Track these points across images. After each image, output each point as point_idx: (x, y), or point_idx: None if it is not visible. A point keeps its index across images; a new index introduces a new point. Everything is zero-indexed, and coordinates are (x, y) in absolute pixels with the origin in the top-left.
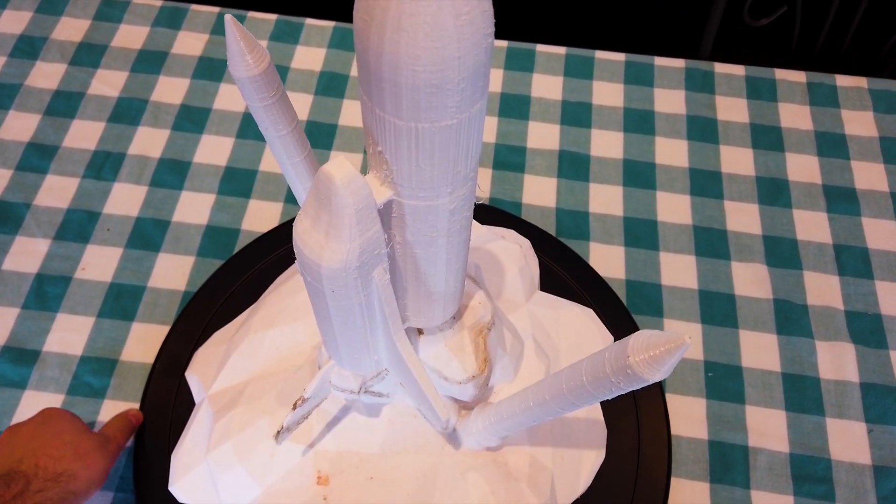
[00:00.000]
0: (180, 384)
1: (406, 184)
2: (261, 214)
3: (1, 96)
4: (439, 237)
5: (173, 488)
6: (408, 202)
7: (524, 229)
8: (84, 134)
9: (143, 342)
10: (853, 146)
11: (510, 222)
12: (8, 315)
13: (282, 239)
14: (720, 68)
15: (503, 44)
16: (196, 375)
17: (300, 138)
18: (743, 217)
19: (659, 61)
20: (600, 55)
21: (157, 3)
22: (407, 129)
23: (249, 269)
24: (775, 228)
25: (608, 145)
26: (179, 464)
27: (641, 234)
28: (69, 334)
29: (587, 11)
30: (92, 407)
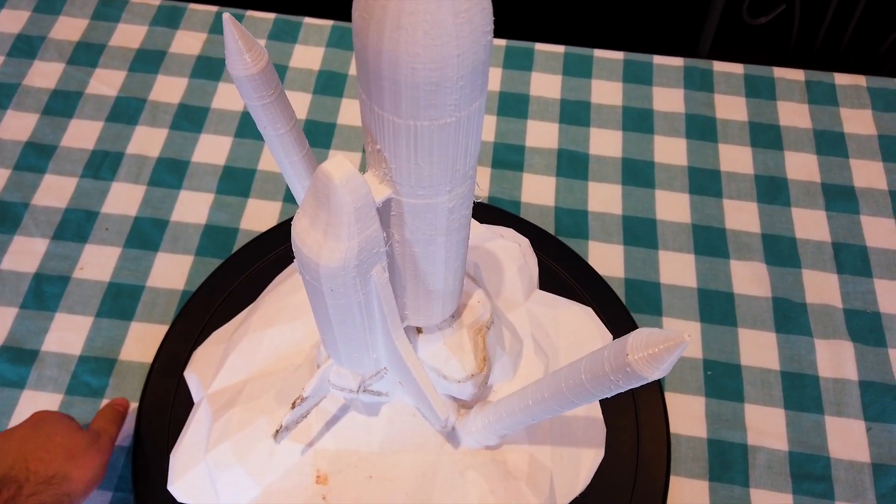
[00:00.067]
0: (179, 383)
1: (405, 182)
2: (259, 213)
3: None
4: (438, 235)
5: (172, 487)
6: (407, 200)
7: (523, 228)
8: (82, 133)
9: (142, 342)
10: (852, 144)
11: (509, 221)
12: (6, 315)
13: (280, 238)
14: (719, 67)
15: (502, 42)
16: (195, 375)
17: (298, 137)
18: (742, 215)
19: (658, 60)
20: (599, 54)
21: (155, 3)
22: (406, 128)
23: (248, 269)
24: (774, 227)
25: (607, 144)
26: (178, 463)
27: (640, 233)
28: (67, 334)
29: (586, 10)
30: (90, 406)
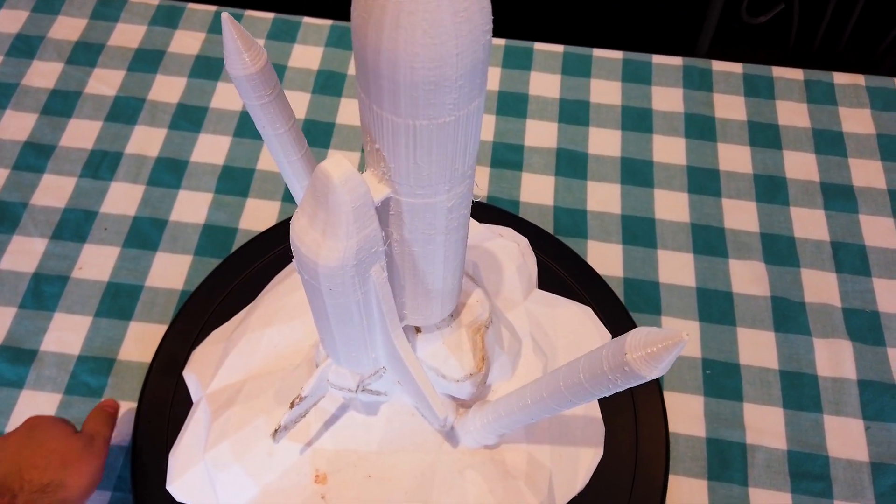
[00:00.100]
0: (178, 383)
1: (404, 181)
2: (258, 213)
3: None
4: (437, 235)
5: (171, 487)
6: (405, 200)
7: (522, 227)
8: (81, 133)
9: (141, 341)
10: (850, 143)
11: (508, 220)
12: (5, 314)
13: (279, 237)
14: (718, 66)
15: (501, 42)
16: (194, 374)
17: (297, 137)
18: (741, 215)
19: (657, 59)
20: (598, 53)
21: (154, 2)
22: (405, 127)
23: (247, 268)
24: (773, 226)
25: (606, 143)
26: (177, 463)
27: (639, 232)
28: (66, 334)
29: (585, 9)
30: (89, 406)
